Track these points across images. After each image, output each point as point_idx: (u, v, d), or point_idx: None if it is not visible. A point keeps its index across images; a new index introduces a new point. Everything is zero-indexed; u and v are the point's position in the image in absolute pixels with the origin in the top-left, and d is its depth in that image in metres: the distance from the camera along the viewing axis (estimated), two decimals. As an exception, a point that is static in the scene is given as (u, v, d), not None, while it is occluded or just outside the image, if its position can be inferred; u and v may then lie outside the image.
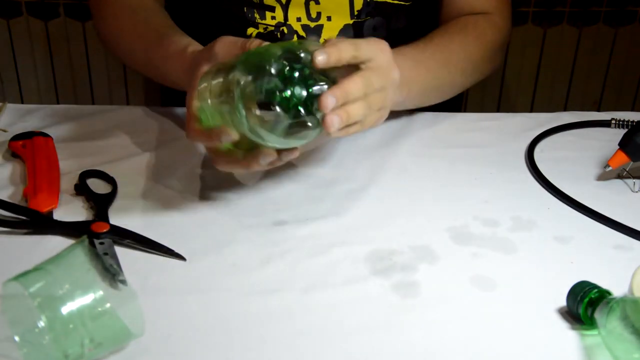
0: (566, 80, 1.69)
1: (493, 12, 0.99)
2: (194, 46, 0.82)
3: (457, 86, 0.95)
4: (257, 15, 0.96)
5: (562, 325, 0.64)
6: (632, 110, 1.58)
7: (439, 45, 0.91)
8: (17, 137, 0.86)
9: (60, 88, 1.68)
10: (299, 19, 0.96)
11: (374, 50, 0.73)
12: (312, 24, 0.97)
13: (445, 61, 0.91)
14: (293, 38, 0.97)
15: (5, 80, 1.67)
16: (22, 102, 1.66)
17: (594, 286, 0.63)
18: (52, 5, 1.59)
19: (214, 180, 0.82)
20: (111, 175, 0.81)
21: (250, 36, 0.98)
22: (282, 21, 0.96)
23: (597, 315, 0.61)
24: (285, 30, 0.97)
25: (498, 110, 1.72)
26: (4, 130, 0.90)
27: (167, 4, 1.11)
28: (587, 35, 1.63)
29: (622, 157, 0.83)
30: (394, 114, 0.90)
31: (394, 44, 1.01)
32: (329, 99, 0.66)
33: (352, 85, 0.69)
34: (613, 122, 0.95)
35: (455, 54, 0.92)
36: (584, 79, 1.69)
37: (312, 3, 0.95)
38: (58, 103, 1.66)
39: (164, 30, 0.89)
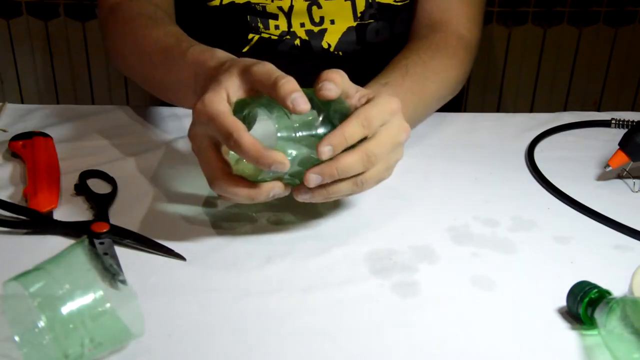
0: (566, 80, 1.69)
1: (460, 23, 0.97)
2: (219, 54, 0.75)
3: (430, 114, 0.93)
4: (260, 25, 0.96)
5: (562, 325, 0.64)
6: (632, 110, 1.59)
7: (416, 75, 0.87)
8: (17, 137, 0.86)
9: (60, 88, 1.69)
10: (302, 25, 0.96)
11: (385, 119, 0.70)
12: (316, 29, 0.96)
13: (423, 93, 0.88)
14: (295, 42, 0.97)
15: (5, 80, 1.67)
16: (22, 102, 1.66)
17: (594, 286, 0.63)
18: (52, 5, 1.59)
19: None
20: (111, 175, 0.81)
21: (251, 41, 0.98)
22: (286, 30, 0.96)
23: (597, 315, 0.61)
24: (289, 38, 0.97)
25: (498, 110, 1.72)
26: (4, 130, 0.90)
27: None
28: (587, 35, 1.63)
29: (622, 157, 0.83)
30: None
31: (397, 47, 1.01)
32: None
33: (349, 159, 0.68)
34: (613, 122, 0.95)
35: (432, 83, 0.89)
36: (584, 79, 1.69)
37: (314, 8, 0.95)
38: (58, 103, 1.66)
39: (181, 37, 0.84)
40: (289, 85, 0.64)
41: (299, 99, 0.64)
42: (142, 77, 0.89)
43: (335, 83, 0.67)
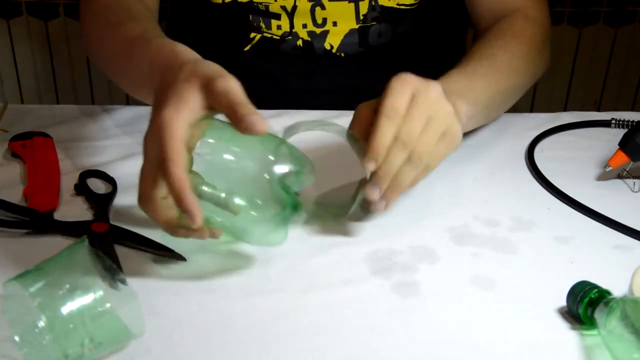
0: (566, 80, 1.69)
1: (526, 5, 0.95)
2: (180, 46, 0.72)
3: (518, 87, 0.91)
4: (262, 25, 0.96)
5: (562, 325, 0.64)
6: (632, 110, 1.58)
7: (482, 54, 0.87)
8: (17, 137, 0.86)
9: (60, 88, 1.68)
10: (304, 26, 0.96)
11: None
12: (318, 30, 0.96)
13: (495, 66, 0.87)
14: (297, 42, 0.97)
15: (5, 80, 1.67)
16: (22, 102, 1.66)
17: (594, 286, 0.63)
18: (52, 5, 1.59)
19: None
20: (111, 175, 0.81)
21: (253, 40, 0.98)
22: (288, 30, 0.96)
23: (597, 315, 0.61)
24: (290, 38, 0.97)
25: (498, 110, 1.72)
26: (4, 130, 0.90)
27: (171, 10, 1.11)
28: (587, 35, 1.63)
29: (622, 157, 0.83)
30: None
31: (399, 48, 1.01)
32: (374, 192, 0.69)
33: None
34: (613, 122, 0.95)
35: (500, 58, 0.88)
36: (584, 79, 1.69)
37: (317, 9, 0.95)
38: (58, 103, 1.66)
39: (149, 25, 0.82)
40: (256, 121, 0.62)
41: (256, 122, 0.61)
42: (108, 67, 0.87)
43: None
